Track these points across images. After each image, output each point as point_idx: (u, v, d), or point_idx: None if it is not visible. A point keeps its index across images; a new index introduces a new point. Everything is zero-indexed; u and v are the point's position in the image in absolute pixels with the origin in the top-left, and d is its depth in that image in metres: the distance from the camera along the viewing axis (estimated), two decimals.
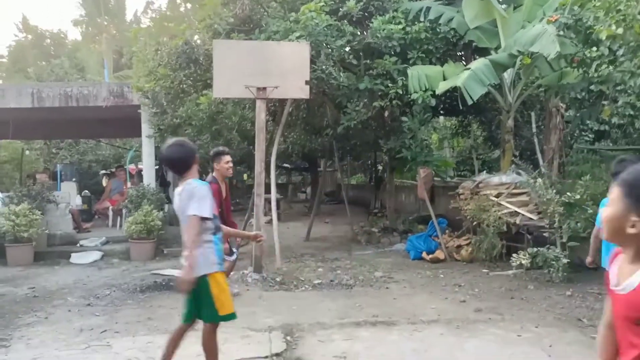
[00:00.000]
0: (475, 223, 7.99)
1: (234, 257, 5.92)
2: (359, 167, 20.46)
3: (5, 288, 6.94)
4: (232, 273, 6.64)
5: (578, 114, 8.90)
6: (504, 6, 8.84)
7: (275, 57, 7.13)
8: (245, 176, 20.64)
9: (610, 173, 4.16)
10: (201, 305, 3.41)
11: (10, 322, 5.30)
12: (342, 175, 16.96)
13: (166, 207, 11.18)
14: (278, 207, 9.74)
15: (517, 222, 7.50)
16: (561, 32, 6.78)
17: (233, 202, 17.05)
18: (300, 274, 7.36)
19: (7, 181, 15.26)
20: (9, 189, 11.04)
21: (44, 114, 11.51)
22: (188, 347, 3.71)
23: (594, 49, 6.11)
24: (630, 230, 1.48)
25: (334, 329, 4.84)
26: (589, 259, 4.70)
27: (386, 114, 8.61)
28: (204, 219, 3.29)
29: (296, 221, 13.79)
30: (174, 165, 3.52)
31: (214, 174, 5.80)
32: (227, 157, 5.70)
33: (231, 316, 3.49)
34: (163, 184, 12.81)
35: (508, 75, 8.42)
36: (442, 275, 7.24)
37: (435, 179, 12.20)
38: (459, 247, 8.52)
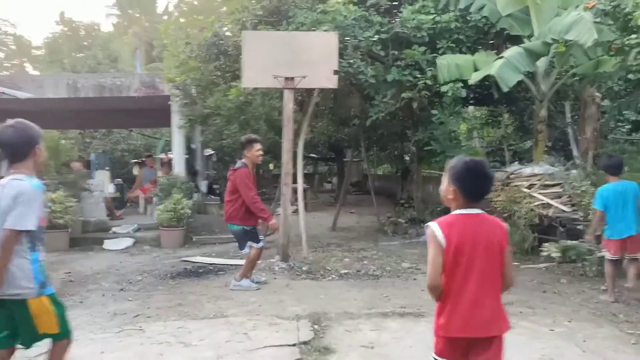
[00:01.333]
0: (505, 215, 7.85)
1: (260, 244, 6.00)
2: (385, 157, 20.31)
3: None
4: (259, 261, 6.75)
5: (615, 104, 8.63)
6: None
7: (303, 47, 7.12)
8: (271, 166, 20.78)
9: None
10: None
11: None
12: (368, 165, 16.89)
13: (195, 195, 11.37)
14: (304, 197, 9.79)
15: (550, 214, 7.34)
16: (598, 19, 6.58)
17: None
18: (327, 263, 7.39)
19: (44, 169, 15.70)
20: (46, 176, 11.38)
21: (79, 104, 11.81)
22: None
23: (633, 36, 5.90)
24: None
25: (361, 319, 4.85)
26: (587, 237, 5.63)
27: (415, 104, 8.50)
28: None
29: (322, 211, 13.82)
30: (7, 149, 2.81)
31: (243, 160, 5.93)
32: (259, 145, 5.92)
33: (56, 336, 2.95)
34: (192, 173, 13.00)
35: (542, 63, 8.21)
36: None
37: None
38: None
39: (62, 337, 2.99)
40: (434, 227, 2.30)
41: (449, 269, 2.29)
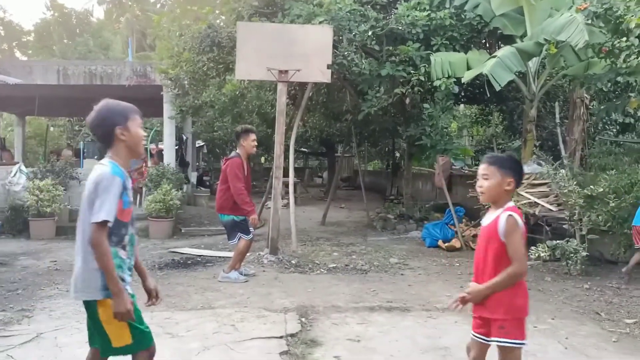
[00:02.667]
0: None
1: (250, 236, 6.01)
2: (376, 153, 20.40)
3: (29, 261, 7.13)
4: (248, 254, 6.76)
5: (603, 106, 8.73)
6: None
7: (298, 41, 7.11)
8: (262, 159, 20.76)
9: None
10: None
11: (33, 294, 5.47)
12: (359, 160, 16.94)
13: (185, 187, 11.33)
14: (295, 191, 9.81)
15: (537, 213, 7.43)
16: (590, 21, 6.63)
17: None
18: (316, 257, 7.42)
19: (31, 156, 15.57)
20: (33, 164, 11.29)
21: (68, 91, 11.69)
22: None
23: (624, 39, 5.97)
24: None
25: (349, 313, 4.88)
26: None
27: (407, 100, 8.54)
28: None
29: (312, 205, 13.86)
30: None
31: (238, 150, 5.95)
32: (254, 136, 6.01)
33: (128, 349, 2.50)
34: (182, 164, 12.95)
35: (533, 64, 8.28)
36: (457, 264, 7.23)
37: (453, 167, 12.13)
38: (476, 236, 8.48)
39: (137, 349, 2.51)
40: (517, 217, 2.48)
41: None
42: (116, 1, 30.09)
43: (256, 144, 6.09)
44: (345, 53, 7.68)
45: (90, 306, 2.40)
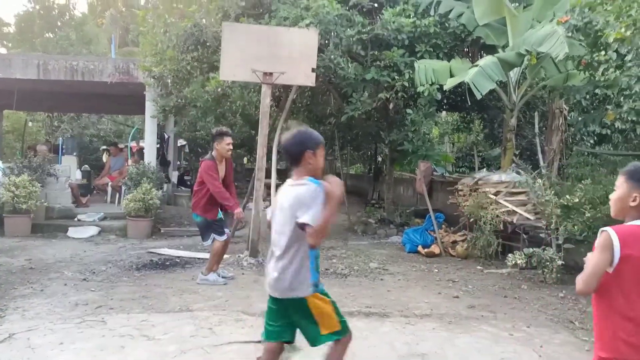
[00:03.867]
0: (472, 220, 8.03)
1: (223, 237, 5.96)
2: (359, 157, 20.46)
3: (2, 259, 6.98)
4: (227, 256, 6.72)
5: (581, 117, 8.91)
6: (514, 5, 8.81)
7: (283, 43, 7.10)
8: (245, 160, 20.66)
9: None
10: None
11: (5, 293, 5.35)
12: (341, 164, 16.97)
13: (165, 186, 11.21)
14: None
15: (514, 221, 7.54)
16: (570, 34, 6.76)
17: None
18: None
19: (8, 151, 15.26)
20: (10, 159, 11.06)
21: (49, 86, 11.49)
22: None
23: (602, 52, 6.10)
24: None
25: None
26: None
27: (391, 106, 8.61)
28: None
29: None
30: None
31: (213, 152, 5.91)
32: (229, 139, 5.94)
33: (338, 333, 2.85)
34: (163, 163, 12.82)
35: (514, 74, 8.41)
36: (436, 270, 7.29)
37: (434, 173, 12.23)
38: (455, 242, 8.57)
39: (343, 334, 2.87)
40: (612, 234, 2.13)
41: (624, 285, 2.15)
42: None
43: (231, 147, 5.99)
44: (332, 57, 7.70)
45: (300, 303, 2.75)
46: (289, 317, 2.83)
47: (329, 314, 2.80)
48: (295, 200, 2.68)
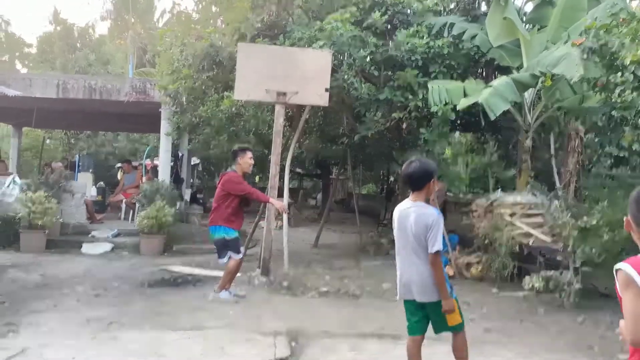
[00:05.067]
0: (487, 241, 7.93)
1: (240, 256, 5.98)
2: (371, 177, 20.43)
3: (17, 274, 7.04)
4: (238, 274, 6.72)
5: (597, 139, 8.81)
6: (527, 27, 8.83)
7: (297, 63, 7.18)
8: (257, 178, 20.73)
9: None
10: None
11: (20, 308, 5.38)
12: (353, 184, 16.96)
13: (178, 204, 11.27)
14: (288, 212, 9.79)
15: (530, 243, 7.43)
16: (585, 56, 6.74)
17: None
18: (308, 280, 7.35)
19: (26, 168, 15.49)
20: (28, 175, 11.22)
21: (67, 104, 11.70)
22: None
23: (618, 74, 6.06)
24: None
25: (339, 339, 4.83)
26: None
27: (404, 125, 8.61)
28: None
29: (305, 227, 13.80)
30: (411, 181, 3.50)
31: (234, 167, 6.08)
32: (251, 154, 6.18)
33: (460, 326, 3.66)
34: (177, 180, 12.91)
35: (528, 95, 8.38)
36: None
37: (448, 194, 12.14)
38: (469, 264, 8.45)
39: (462, 328, 3.63)
40: (629, 270, 1.85)
41: None
42: (119, 18, 30.42)
43: (253, 162, 6.12)
44: (345, 77, 7.75)
45: (434, 304, 3.47)
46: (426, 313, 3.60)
47: (454, 312, 3.52)
48: (424, 224, 3.34)
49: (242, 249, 6.09)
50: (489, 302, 6.71)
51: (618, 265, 1.91)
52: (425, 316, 3.61)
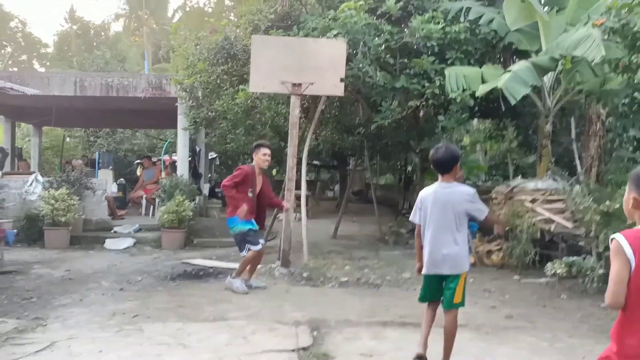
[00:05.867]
0: (507, 228, 7.84)
1: (258, 247, 6.01)
2: (388, 167, 20.31)
3: (43, 270, 7.18)
4: (259, 266, 6.77)
5: (619, 122, 8.63)
6: (546, 9, 8.65)
7: (312, 54, 7.16)
8: (274, 171, 20.78)
9: None
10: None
11: (47, 303, 5.49)
12: (371, 174, 16.90)
13: (197, 198, 11.36)
14: (306, 204, 9.82)
15: (552, 229, 7.33)
16: (606, 37, 6.59)
17: None
18: (327, 270, 7.37)
19: (47, 167, 15.76)
20: (49, 174, 11.41)
21: (85, 102, 11.85)
22: None
23: None
24: None
25: (361, 327, 4.84)
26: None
27: (421, 114, 8.53)
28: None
29: (323, 218, 13.79)
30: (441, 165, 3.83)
31: (252, 163, 6.20)
32: (265, 150, 6.16)
33: (461, 304, 3.86)
34: (195, 175, 13.01)
35: (548, 79, 8.23)
36: (471, 280, 7.12)
37: (467, 182, 12.04)
38: (490, 252, 8.38)
39: (460, 305, 3.83)
40: (621, 240, 2.04)
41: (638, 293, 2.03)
42: (133, 15, 30.65)
43: (268, 158, 6.18)
44: (360, 66, 7.70)
45: (456, 278, 3.74)
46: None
47: (462, 290, 3.78)
48: (466, 199, 3.76)
49: (261, 240, 6.12)
50: (511, 289, 6.66)
51: (613, 235, 2.08)
52: (440, 289, 3.86)
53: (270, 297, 5.87)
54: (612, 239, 2.09)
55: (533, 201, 7.68)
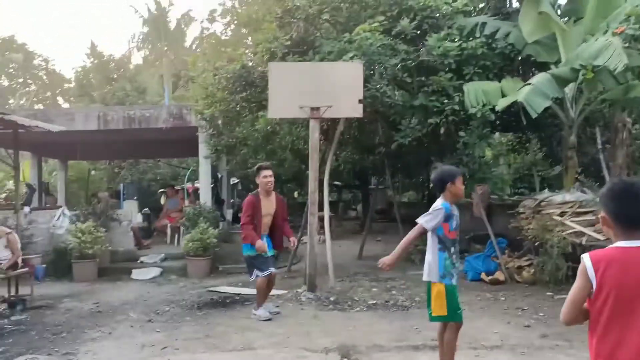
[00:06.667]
0: (537, 243, 7.66)
1: (265, 273, 5.96)
2: (411, 184, 20.17)
3: (72, 303, 7.24)
4: (284, 291, 6.73)
5: None
6: (563, 19, 8.57)
7: (329, 77, 7.19)
8: (296, 194, 20.81)
9: None
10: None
11: (77, 337, 5.52)
12: (393, 192, 16.77)
13: (221, 224, 11.41)
14: (330, 225, 9.77)
15: (583, 242, 7.13)
16: (627, 44, 6.48)
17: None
18: (355, 293, 7.27)
19: (73, 200, 16.04)
20: (75, 207, 11.61)
21: (108, 135, 12.09)
22: None
23: None
24: None
25: (392, 352, 4.74)
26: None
27: (441, 130, 8.46)
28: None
29: (347, 239, 13.70)
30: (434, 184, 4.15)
31: (258, 188, 6.22)
32: (265, 172, 6.17)
33: (442, 318, 3.95)
34: (218, 201, 13.09)
35: (569, 89, 8.11)
36: (503, 298, 6.96)
37: (492, 196, 11.85)
38: (520, 268, 8.18)
39: (450, 319, 3.92)
40: (586, 260, 1.97)
41: (602, 317, 1.95)
42: (153, 47, 31.43)
43: (270, 179, 6.15)
44: (378, 86, 7.71)
45: (429, 285, 3.96)
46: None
47: (440, 302, 3.87)
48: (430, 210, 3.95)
49: (271, 268, 6.06)
50: (544, 306, 6.47)
51: (584, 255, 2.01)
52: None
53: (298, 324, 5.81)
54: (581, 257, 2.03)
55: (562, 214, 7.51)
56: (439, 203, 3.94)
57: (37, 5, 56.49)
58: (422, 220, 3.92)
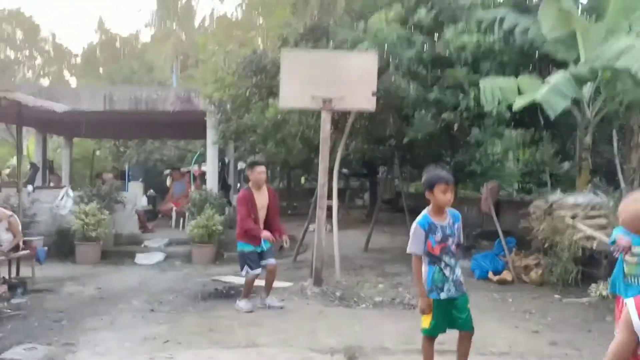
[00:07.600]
0: (547, 245, 7.54)
1: (254, 272, 6.01)
2: (419, 175, 20.00)
3: (74, 287, 7.19)
4: (289, 284, 6.66)
5: None
6: (584, 17, 8.32)
7: (342, 67, 7.01)
8: (302, 179, 20.70)
9: None
10: None
11: (77, 325, 5.45)
12: (401, 182, 16.61)
13: (227, 210, 11.32)
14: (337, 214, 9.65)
15: (594, 246, 7.00)
16: None
17: (292, 205, 17.02)
18: (361, 289, 7.18)
19: (78, 178, 15.98)
20: (79, 186, 11.53)
21: (114, 116, 11.94)
22: None
23: None
24: None
25: (399, 356, 4.66)
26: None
27: (455, 126, 8.28)
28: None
29: (354, 229, 13.57)
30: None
31: (250, 183, 6.25)
32: (259, 168, 6.25)
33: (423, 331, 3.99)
34: (224, 187, 12.99)
35: (587, 89, 7.90)
36: (510, 299, 6.86)
37: (501, 192, 11.70)
38: (527, 267, 8.06)
39: (427, 334, 3.98)
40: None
41: None
42: (161, 26, 31.11)
43: (264, 175, 6.21)
44: (392, 79, 7.52)
45: None
46: None
47: (426, 316, 3.91)
48: None
49: (260, 268, 6.08)
50: (553, 309, 6.37)
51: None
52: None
53: (304, 320, 5.72)
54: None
55: (574, 217, 7.36)
56: (417, 219, 3.79)
57: None
58: (409, 250, 3.82)
